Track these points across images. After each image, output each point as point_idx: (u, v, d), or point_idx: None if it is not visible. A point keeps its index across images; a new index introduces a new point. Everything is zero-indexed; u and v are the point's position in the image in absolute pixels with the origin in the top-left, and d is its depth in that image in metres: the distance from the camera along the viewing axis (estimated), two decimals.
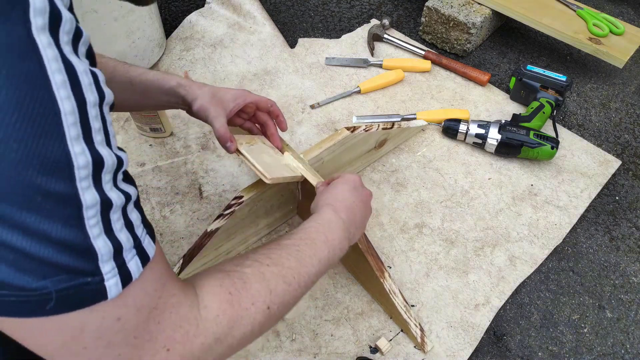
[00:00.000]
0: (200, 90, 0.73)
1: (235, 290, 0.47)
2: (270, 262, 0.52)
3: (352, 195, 0.68)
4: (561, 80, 1.13)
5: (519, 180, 1.05)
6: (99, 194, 0.35)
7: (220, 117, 0.72)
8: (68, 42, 0.34)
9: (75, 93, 0.34)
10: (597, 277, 0.93)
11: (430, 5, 1.30)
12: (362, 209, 0.69)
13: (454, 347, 0.81)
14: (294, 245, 0.56)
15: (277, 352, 0.80)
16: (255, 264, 0.51)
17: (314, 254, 0.56)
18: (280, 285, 0.51)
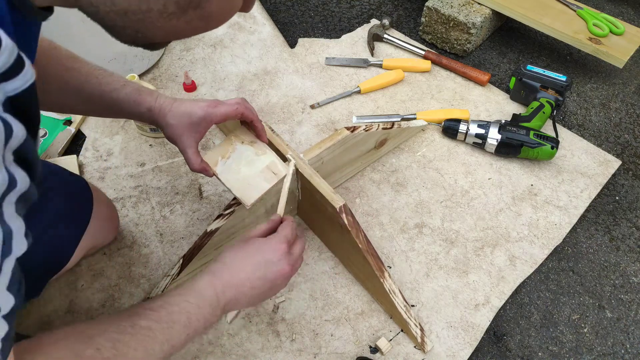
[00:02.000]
0: (167, 116, 0.70)
1: None
2: (112, 355, 0.47)
3: (252, 271, 0.61)
4: (561, 80, 1.13)
5: (519, 180, 1.05)
6: None
7: (190, 147, 0.70)
8: None
9: None
10: (597, 277, 0.93)
11: (430, 5, 1.30)
12: (256, 287, 0.61)
13: (454, 347, 0.81)
14: (148, 330, 0.51)
15: (277, 352, 0.80)
16: (95, 356, 0.47)
17: (168, 340, 0.53)
18: None
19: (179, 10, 0.42)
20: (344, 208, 0.78)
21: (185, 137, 0.70)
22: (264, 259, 0.62)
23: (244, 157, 0.76)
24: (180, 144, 0.71)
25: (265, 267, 0.62)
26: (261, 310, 0.84)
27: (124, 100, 0.71)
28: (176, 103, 0.72)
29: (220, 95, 1.18)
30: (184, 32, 0.46)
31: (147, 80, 1.20)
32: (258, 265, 0.61)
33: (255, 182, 0.74)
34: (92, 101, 0.70)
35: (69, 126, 1.07)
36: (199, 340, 0.80)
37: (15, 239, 0.35)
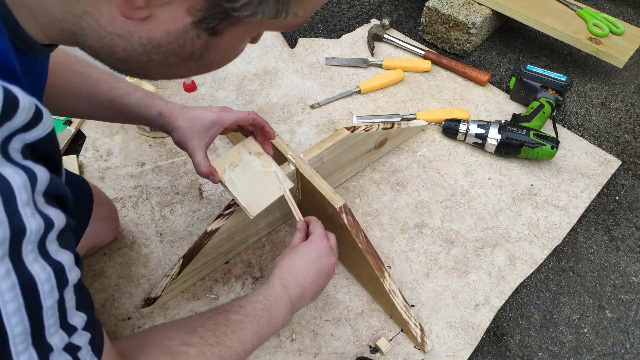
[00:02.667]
0: (179, 119, 0.72)
1: None
2: (214, 342, 0.54)
3: (309, 268, 0.69)
4: (561, 80, 1.13)
5: (519, 180, 1.05)
6: None
7: (199, 151, 0.72)
8: (33, 249, 0.34)
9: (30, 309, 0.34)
10: (597, 277, 0.93)
11: (430, 5, 1.30)
12: (316, 282, 0.69)
13: (454, 347, 0.81)
14: (239, 323, 0.58)
15: (277, 352, 0.80)
16: (200, 343, 0.53)
17: (256, 332, 0.60)
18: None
19: (179, 62, 0.43)
20: (344, 208, 0.78)
21: (196, 140, 0.72)
22: (315, 256, 0.70)
23: (251, 167, 0.77)
24: (190, 147, 0.72)
25: (318, 263, 0.69)
26: None
27: (135, 104, 0.72)
28: (186, 108, 0.74)
29: (220, 95, 1.18)
30: (185, 75, 0.47)
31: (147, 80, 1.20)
32: (312, 263, 0.69)
33: (260, 193, 0.75)
34: (102, 106, 0.71)
35: (69, 126, 1.07)
36: None
37: (68, 270, 0.37)
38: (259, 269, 0.89)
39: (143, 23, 0.38)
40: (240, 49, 0.47)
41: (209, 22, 0.39)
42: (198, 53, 0.42)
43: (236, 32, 0.42)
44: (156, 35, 0.39)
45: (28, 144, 0.36)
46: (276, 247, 0.92)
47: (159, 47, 0.40)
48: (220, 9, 0.38)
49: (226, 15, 0.38)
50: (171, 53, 0.41)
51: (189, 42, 0.40)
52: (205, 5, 0.37)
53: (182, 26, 0.39)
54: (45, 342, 0.36)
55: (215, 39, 0.41)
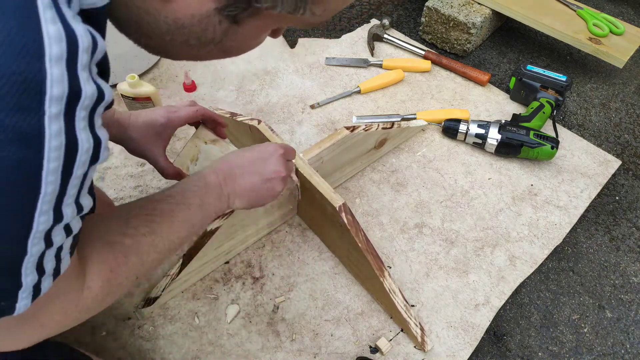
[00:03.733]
0: (129, 130, 0.71)
1: (116, 266, 0.50)
2: (147, 232, 0.54)
3: (248, 164, 0.65)
4: (561, 80, 1.13)
5: (519, 180, 1.05)
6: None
7: (160, 157, 0.72)
8: (84, 117, 0.35)
9: (64, 172, 0.35)
10: (597, 277, 0.93)
11: (430, 5, 1.30)
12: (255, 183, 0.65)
13: (454, 347, 0.81)
14: (169, 211, 0.57)
15: (277, 352, 0.80)
16: (134, 233, 0.53)
17: (188, 219, 0.59)
18: (152, 255, 0.55)
19: (200, 44, 0.44)
20: (344, 207, 0.78)
21: (152, 147, 0.72)
22: (261, 155, 0.66)
23: (211, 157, 0.77)
24: (150, 155, 0.72)
25: (263, 163, 0.65)
26: (261, 310, 0.84)
27: None
28: (133, 115, 0.73)
29: (220, 95, 1.18)
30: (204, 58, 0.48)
31: (147, 80, 1.20)
32: (255, 160, 0.65)
33: None
34: None
35: None
36: (199, 340, 0.80)
37: (102, 147, 0.38)
38: (259, 269, 0.89)
39: (170, 3, 0.40)
40: (260, 39, 0.49)
41: (231, 10, 0.41)
42: (218, 38, 0.44)
43: (256, 23, 0.44)
44: (181, 17, 0.41)
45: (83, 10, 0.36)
46: (276, 247, 0.92)
47: (182, 28, 0.42)
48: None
49: (247, 5, 0.40)
50: (193, 35, 0.43)
51: (210, 27, 0.42)
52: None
53: (206, 11, 0.40)
54: (60, 209, 0.37)
55: (236, 27, 0.43)
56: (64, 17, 0.32)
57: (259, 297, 0.86)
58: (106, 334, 0.80)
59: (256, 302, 0.85)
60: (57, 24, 0.31)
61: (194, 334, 0.81)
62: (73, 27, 0.32)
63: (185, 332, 0.81)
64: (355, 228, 0.78)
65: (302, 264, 0.90)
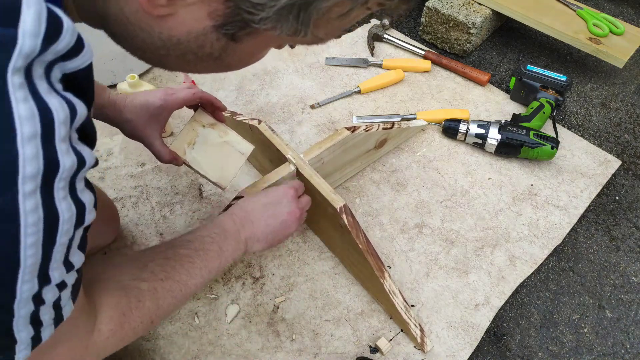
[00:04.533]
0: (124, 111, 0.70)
1: (129, 310, 0.50)
2: (164, 277, 0.55)
3: (263, 210, 0.69)
4: (561, 80, 1.13)
5: (519, 180, 1.05)
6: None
7: (155, 140, 0.71)
8: (64, 187, 0.35)
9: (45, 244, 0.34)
10: (597, 277, 0.93)
11: (430, 5, 1.30)
12: (270, 225, 0.69)
13: (454, 347, 0.81)
14: (188, 257, 0.59)
15: (277, 352, 0.80)
16: (151, 277, 0.54)
17: (205, 266, 0.60)
18: (168, 300, 0.55)
19: (197, 59, 0.43)
20: (344, 208, 0.78)
21: (148, 130, 0.71)
22: (274, 199, 0.70)
23: (209, 140, 0.77)
24: (145, 138, 0.71)
25: (276, 207, 0.69)
26: (261, 310, 0.84)
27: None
28: (130, 97, 0.71)
29: (220, 95, 1.18)
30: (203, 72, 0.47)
31: (147, 80, 1.20)
32: (269, 205, 0.69)
33: (226, 164, 0.76)
34: None
35: None
36: (199, 340, 0.80)
37: (87, 211, 0.38)
38: (259, 269, 0.89)
39: (164, 20, 0.39)
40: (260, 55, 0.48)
41: (228, 29, 0.39)
42: (217, 54, 0.43)
43: (256, 42, 0.42)
44: (176, 33, 0.40)
45: (67, 74, 0.35)
46: (276, 247, 0.92)
47: (178, 44, 0.41)
48: (239, 18, 0.38)
49: (245, 25, 0.39)
50: (189, 51, 0.42)
51: (207, 43, 0.41)
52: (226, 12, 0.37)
53: (203, 28, 0.39)
54: (47, 274, 0.36)
55: (234, 44, 0.42)
56: (37, 94, 0.32)
57: (259, 297, 0.86)
58: None
59: (256, 302, 0.85)
60: (29, 102, 0.31)
61: (194, 334, 0.81)
62: (47, 103, 0.32)
63: (185, 332, 0.81)
64: (355, 229, 0.78)
65: (302, 264, 0.90)
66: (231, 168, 0.76)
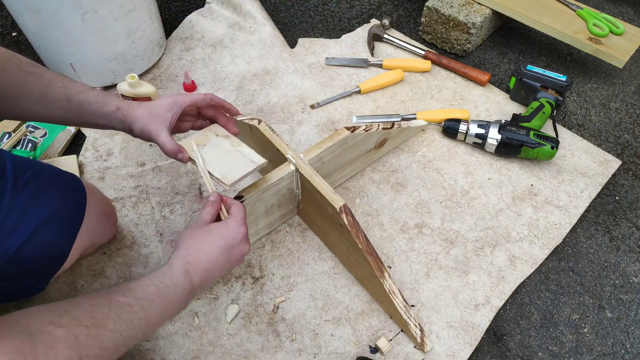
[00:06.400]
0: (137, 112, 0.71)
1: (35, 356, 0.43)
2: (91, 324, 0.48)
3: (219, 255, 0.65)
4: (561, 80, 1.13)
5: (519, 180, 1.05)
6: None
7: (162, 132, 0.70)
8: None
9: None
10: (597, 277, 0.93)
11: (430, 5, 1.30)
12: (222, 269, 0.66)
13: (454, 347, 0.81)
14: (127, 306, 0.53)
15: (277, 352, 0.80)
16: (72, 323, 0.47)
17: (146, 317, 0.54)
18: (94, 350, 0.48)
19: None
20: (344, 208, 0.78)
21: (157, 124, 0.71)
22: (227, 244, 0.65)
23: (221, 147, 0.77)
24: (153, 130, 0.71)
25: (230, 252, 0.66)
26: (261, 310, 0.84)
27: (92, 101, 0.70)
28: (144, 103, 0.73)
29: (220, 95, 1.18)
30: None
31: (147, 80, 1.20)
32: (224, 251, 0.65)
33: (232, 166, 0.74)
34: (57, 106, 0.70)
35: (69, 126, 1.07)
36: (199, 340, 0.80)
37: None
38: (259, 269, 0.89)
39: None
40: None
41: None
42: None
43: None
44: None
45: None
46: (276, 247, 0.92)
47: None
48: None
49: None
50: None
51: None
52: None
53: None
54: None
55: None
56: None
57: (259, 297, 0.86)
58: None
59: (256, 302, 0.85)
60: None
61: (194, 334, 0.81)
62: None
63: (185, 332, 0.81)
64: (355, 229, 0.78)
65: (302, 264, 0.90)
66: (237, 171, 0.74)
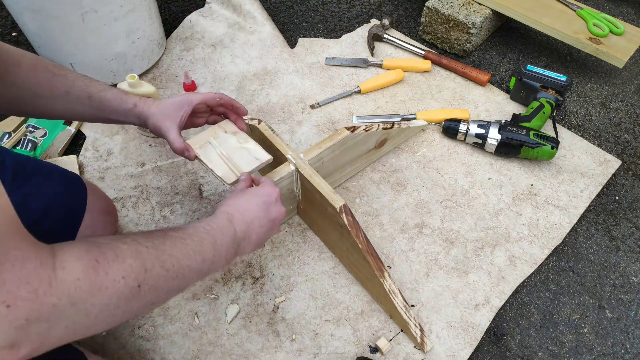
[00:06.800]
0: (151, 108, 0.76)
1: (103, 259, 0.44)
2: (150, 245, 0.50)
3: (258, 210, 0.67)
4: (561, 80, 1.13)
5: (519, 180, 1.05)
6: None
7: (172, 129, 0.74)
8: None
9: None
10: (597, 277, 0.93)
11: (430, 5, 1.30)
12: (264, 226, 0.68)
13: (454, 347, 0.81)
14: (180, 238, 0.55)
15: (277, 352, 0.80)
16: (133, 243, 0.49)
17: (199, 251, 0.56)
18: (157, 269, 0.49)
19: None
20: (344, 208, 0.78)
21: (168, 121, 0.75)
22: (265, 200, 0.69)
23: (227, 144, 0.79)
24: (164, 127, 0.75)
25: (267, 209, 0.68)
26: (261, 310, 0.84)
27: (111, 98, 0.75)
28: (157, 100, 0.78)
29: None
30: None
31: (147, 80, 1.20)
32: (261, 205, 0.68)
33: (237, 165, 0.77)
34: (79, 102, 0.74)
35: (69, 126, 1.07)
36: (199, 340, 0.80)
37: None
38: (259, 269, 0.89)
39: None
40: None
41: None
42: None
43: None
44: None
45: None
46: (276, 247, 0.92)
47: None
48: None
49: None
50: None
51: None
52: None
53: None
54: None
55: None
56: None
57: (259, 297, 0.86)
58: (106, 333, 0.80)
59: (256, 302, 0.85)
60: None
61: (194, 334, 0.81)
62: None
63: (185, 332, 0.81)
64: (355, 229, 0.78)
65: (302, 264, 0.90)
66: (240, 169, 0.76)
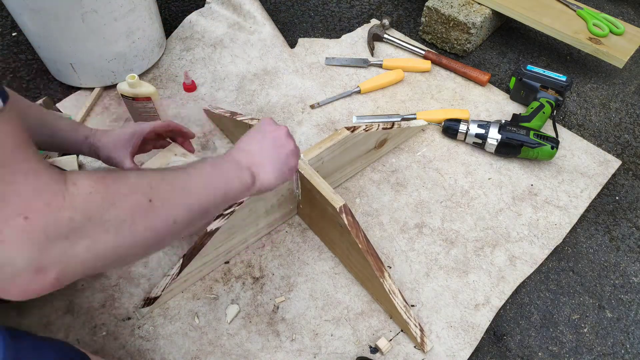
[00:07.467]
0: (102, 139, 0.79)
1: (110, 178, 0.44)
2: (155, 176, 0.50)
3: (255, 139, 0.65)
4: (561, 80, 1.13)
5: (519, 180, 1.05)
6: None
7: (126, 158, 0.78)
8: None
9: None
10: (597, 277, 0.93)
11: (430, 5, 1.30)
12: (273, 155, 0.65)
13: (454, 347, 0.81)
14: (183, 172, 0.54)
15: (277, 352, 0.80)
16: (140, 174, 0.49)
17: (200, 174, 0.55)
18: (163, 185, 0.49)
19: None
20: (344, 208, 0.78)
21: (120, 151, 0.78)
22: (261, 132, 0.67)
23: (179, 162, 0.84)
24: (117, 157, 0.78)
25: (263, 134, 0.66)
26: (261, 310, 0.84)
27: (63, 128, 0.78)
28: (109, 131, 0.81)
29: (220, 95, 1.18)
30: None
31: (147, 80, 1.20)
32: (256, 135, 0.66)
33: None
34: (35, 130, 0.75)
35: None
36: (199, 340, 0.80)
37: None
38: (259, 269, 0.89)
39: None
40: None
41: None
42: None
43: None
44: None
45: None
46: (276, 247, 0.92)
47: None
48: None
49: None
50: None
51: None
52: None
53: None
54: None
55: None
56: None
57: (259, 297, 0.86)
58: (106, 334, 0.80)
59: (256, 302, 0.85)
60: None
61: (194, 334, 0.81)
62: None
63: (185, 332, 0.81)
64: (355, 229, 0.78)
65: (302, 264, 0.90)
66: None
